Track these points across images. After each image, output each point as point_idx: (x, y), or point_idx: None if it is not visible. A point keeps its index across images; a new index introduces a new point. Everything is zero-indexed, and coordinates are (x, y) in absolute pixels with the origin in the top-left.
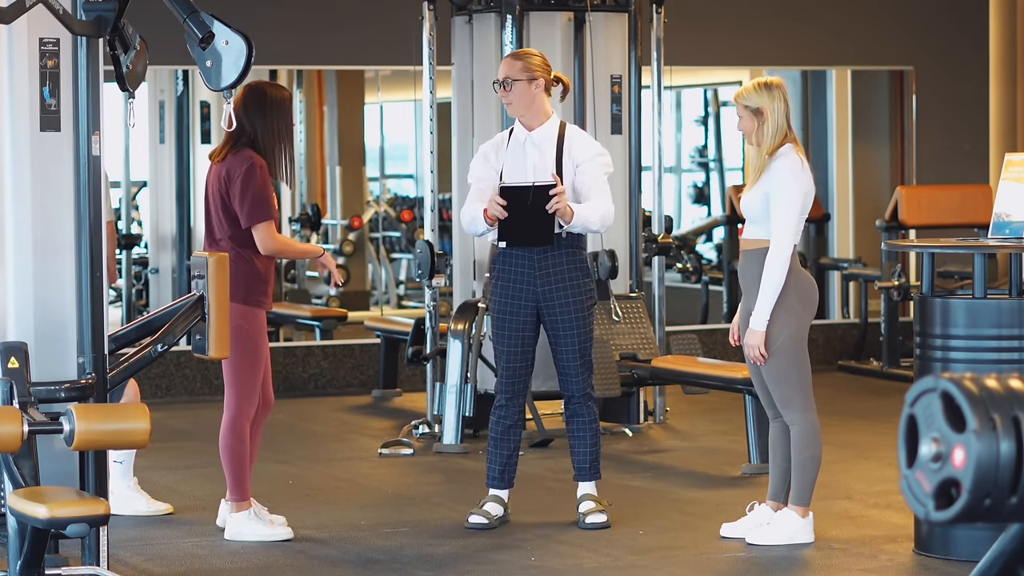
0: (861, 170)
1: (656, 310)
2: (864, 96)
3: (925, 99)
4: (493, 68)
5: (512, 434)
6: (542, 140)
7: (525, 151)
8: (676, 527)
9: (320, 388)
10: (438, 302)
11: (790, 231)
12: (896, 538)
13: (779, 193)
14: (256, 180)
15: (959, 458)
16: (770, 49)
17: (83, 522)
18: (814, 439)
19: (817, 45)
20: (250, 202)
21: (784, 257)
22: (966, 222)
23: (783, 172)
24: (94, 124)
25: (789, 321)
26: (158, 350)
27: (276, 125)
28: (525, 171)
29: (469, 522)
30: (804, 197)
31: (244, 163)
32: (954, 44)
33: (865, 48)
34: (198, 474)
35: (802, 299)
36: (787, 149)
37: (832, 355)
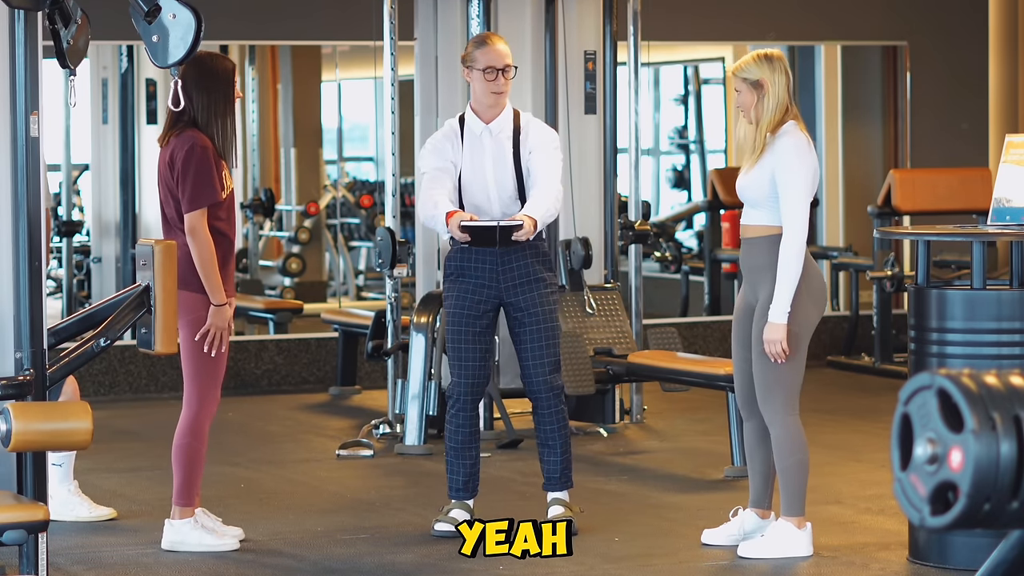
0: (852, 152)
1: (633, 302)
2: (855, 73)
3: (920, 76)
4: (459, 43)
5: (474, 441)
6: (499, 131)
7: (483, 145)
8: (654, 533)
9: (274, 385)
10: (400, 293)
11: (803, 214)
12: (889, 545)
13: (787, 175)
14: (196, 162)
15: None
16: (755, 23)
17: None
18: (797, 443)
19: (805, 19)
20: (191, 186)
21: (800, 244)
22: (964, 208)
23: (789, 153)
24: (32, 103)
25: (795, 316)
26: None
27: (215, 99)
28: (484, 168)
29: (435, 529)
30: (812, 179)
31: (186, 144)
32: (951, 17)
33: (856, 22)
34: (144, 477)
35: (811, 292)
36: (791, 127)
37: (821, 350)
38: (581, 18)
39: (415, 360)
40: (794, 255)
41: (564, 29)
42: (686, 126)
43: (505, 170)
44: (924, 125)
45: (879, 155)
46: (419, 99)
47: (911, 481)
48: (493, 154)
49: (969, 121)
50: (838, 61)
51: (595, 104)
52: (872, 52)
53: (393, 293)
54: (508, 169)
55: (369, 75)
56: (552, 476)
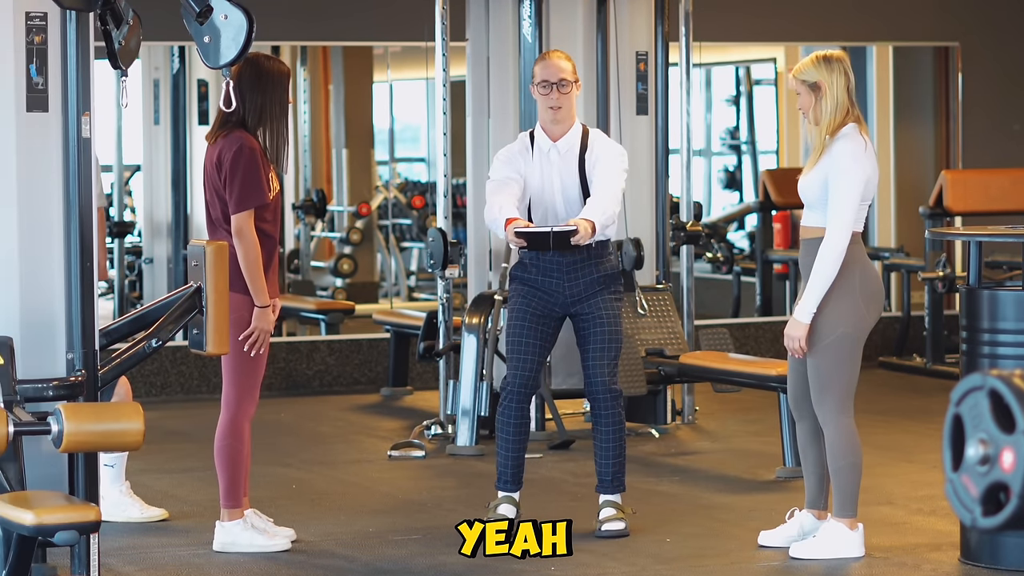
0: (903, 153)
1: (684, 303)
2: (907, 74)
3: (971, 77)
4: (510, 44)
5: (522, 434)
6: (567, 150)
7: (551, 161)
8: (706, 534)
9: (325, 386)
10: (451, 294)
11: (847, 219)
12: (941, 546)
13: (838, 178)
14: (244, 164)
15: (1008, 461)
16: (806, 24)
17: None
18: (851, 445)
19: (856, 20)
20: (239, 187)
21: (839, 247)
22: (1016, 208)
23: (844, 156)
24: (84, 104)
25: (849, 318)
26: (152, 345)
27: (267, 102)
28: (552, 184)
29: None
30: (866, 183)
31: (233, 146)
32: (1002, 18)
33: (908, 23)
34: (195, 478)
35: (867, 295)
36: (850, 130)
37: (873, 351)
38: (633, 19)
39: (467, 361)
40: (832, 257)
41: (616, 30)
42: (738, 127)
43: (572, 186)
44: (976, 126)
45: (931, 156)
46: (471, 100)
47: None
48: (560, 171)
49: (1021, 122)
50: (890, 62)
51: (647, 105)
52: (924, 53)
53: (445, 294)
54: (575, 185)
55: (421, 76)
56: (604, 479)
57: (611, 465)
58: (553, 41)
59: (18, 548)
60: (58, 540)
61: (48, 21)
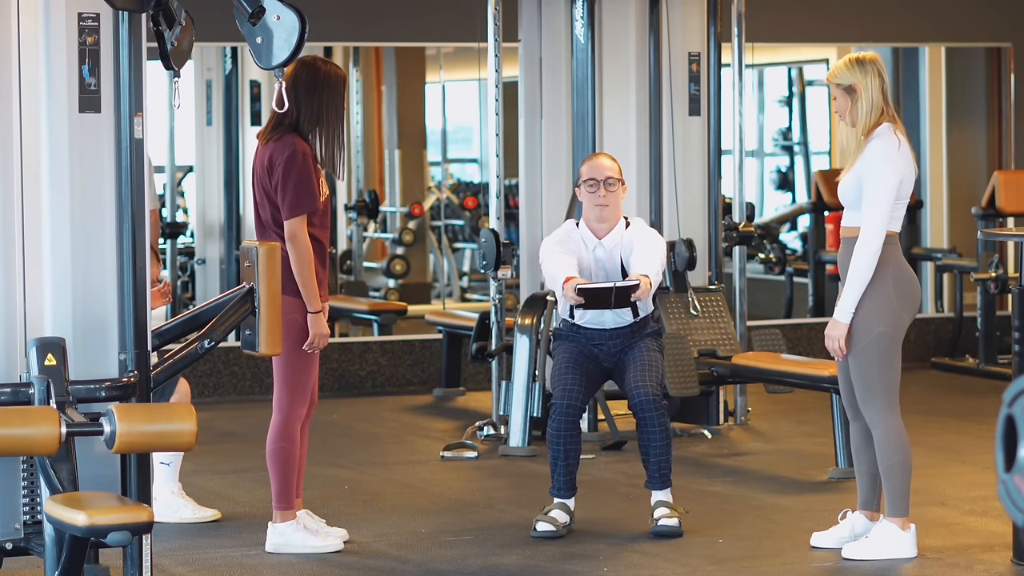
0: (956, 154)
1: (737, 303)
2: (959, 75)
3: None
4: (563, 45)
5: (574, 442)
6: (612, 247)
7: (596, 257)
8: (758, 535)
9: (378, 387)
10: (504, 295)
11: (880, 218)
12: (993, 547)
13: (870, 176)
14: (297, 169)
15: None
16: (858, 25)
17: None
18: (899, 444)
19: (909, 20)
20: (292, 192)
21: (873, 246)
22: None
23: (876, 155)
24: (137, 105)
25: (884, 316)
26: (205, 346)
27: (323, 107)
28: (596, 277)
29: (536, 530)
30: (899, 182)
31: (286, 150)
32: None
33: (960, 24)
34: (247, 479)
35: (901, 294)
36: (884, 129)
37: (925, 352)
38: (685, 20)
39: (519, 362)
40: (866, 257)
41: (668, 31)
42: (790, 127)
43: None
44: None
45: (983, 157)
46: (523, 101)
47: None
48: (606, 266)
49: None
50: (942, 63)
51: (699, 106)
52: (976, 54)
53: (497, 295)
54: (619, 278)
55: (473, 77)
56: (652, 475)
57: (657, 462)
58: (606, 42)
59: (71, 549)
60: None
61: (100, 22)
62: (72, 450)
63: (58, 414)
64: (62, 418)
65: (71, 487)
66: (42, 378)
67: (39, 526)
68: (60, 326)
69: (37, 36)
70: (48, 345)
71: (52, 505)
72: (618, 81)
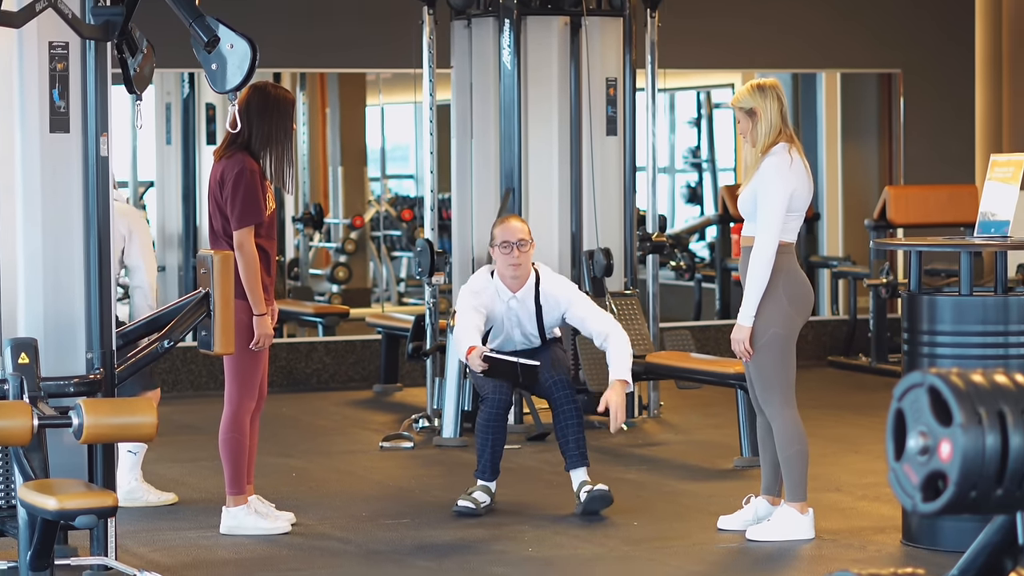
0: (850, 170)
1: (650, 307)
2: (853, 98)
3: (912, 101)
4: (491, 72)
5: (501, 430)
6: (524, 298)
7: (510, 308)
8: (670, 518)
9: (323, 383)
10: (438, 299)
11: (773, 229)
12: (884, 529)
13: (763, 191)
14: (245, 184)
15: (946, 451)
16: (761, 53)
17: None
18: (796, 435)
19: (807, 49)
20: (240, 206)
21: (767, 254)
22: (952, 221)
23: (769, 170)
24: (102, 126)
25: (776, 319)
26: (165, 346)
27: (273, 127)
28: (511, 322)
29: (457, 505)
30: (790, 196)
31: (236, 167)
32: (941, 47)
33: (854, 52)
34: (204, 467)
35: (792, 298)
36: (779, 148)
37: (822, 351)
38: (603, 48)
39: (451, 360)
40: (760, 265)
41: (588, 58)
42: (699, 146)
43: (529, 323)
44: (916, 145)
45: (875, 173)
46: (455, 122)
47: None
48: (519, 316)
49: (957, 142)
50: (837, 87)
51: (616, 126)
52: (868, 79)
53: (431, 299)
54: (532, 322)
55: (409, 100)
56: (573, 454)
57: (577, 441)
58: (531, 68)
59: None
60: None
61: (69, 50)
62: (44, 441)
63: (31, 408)
64: (34, 411)
65: (43, 474)
66: (16, 375)
67: (13, 510)
68: (32, 328)
69: (11, 63)
70: (21, 345)
71: (25, 491)
72: (542, 104)
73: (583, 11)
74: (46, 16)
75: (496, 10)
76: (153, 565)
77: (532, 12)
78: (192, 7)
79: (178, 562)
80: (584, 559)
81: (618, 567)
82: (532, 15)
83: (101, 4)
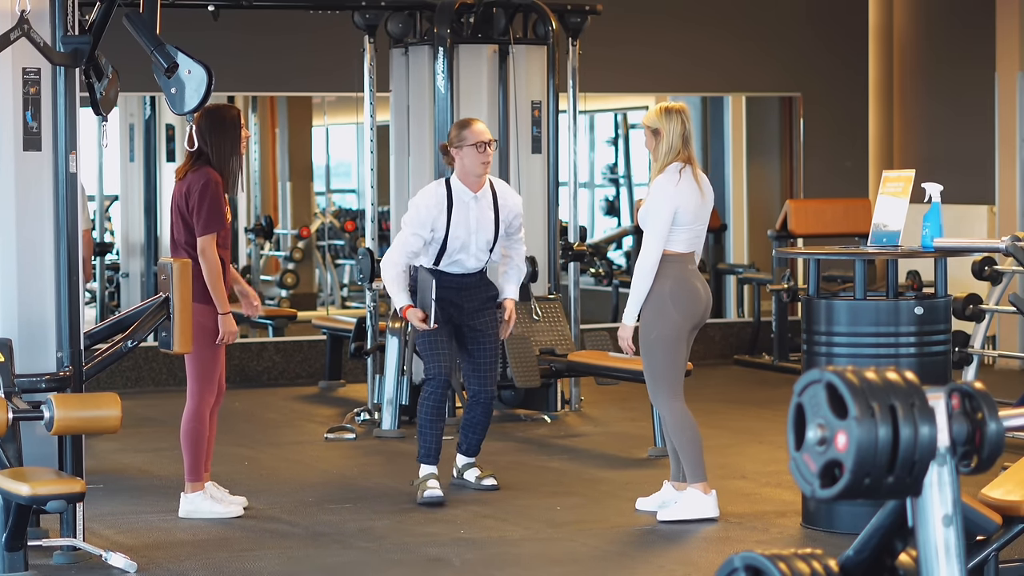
0: (755, 185)
1: (572, 310)
2: (757, 119)
3: (811, 122)
4: (427, 95)
5: (443, 416)
6: (482, 198)
7: (470, 209)
8: (589, 503)
9: (273, 380)
10: (377, 303)
11: (654, 241)
12: (786, 513)
13: (649, 206)
14: (211, 195)
15: (842, 442)
16: (673, 78)
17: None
18: (684, 423)
19: (715, 74)
20: (205, 214)
21: (648, 263)
22: (848, 232)
23: (655, 188)
24: (71, 144)
25: (659, 322)
26: (128, 346)
27: (224, 141)
28: (469, 230)
29: (424, 496)
30: (674, 210)
31: (202, 179)
32: (837, 73)
33: (757, 77)
34: (164, 456)
35: (677, 303)
36: (671, 168)
37: (728, 350)
38: (528, 74)
39: (390, 358)
40: (640, 272)
41: (515, 83)
42: (616, 163)
43: (487, 230)
44: (815, 163)
45: (777, 187)
46: (394, 141)
47: (804, 459)
48: (478, 218)
49: (852, 159)
50: (743, 109)
51: (540, 145)
52: (771, 102)
53: (372, 303)
54: (490, 229)
55: (352, 121)
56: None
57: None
58: (462, 92)
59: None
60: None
61: (41, 75)
62: (18, 432)
63: (6, 402)
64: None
65: (17, 463)
66: None
67: None
68: (7, 329)
69: None
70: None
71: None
72: None
73: (511, 40)
74: (20, 44)
75: (431, 39)
76: (118, 546)
77: (464, 41)
78: (153, 36)
79: (141, 543)
80: (511, 540)
81: (541, 547)
82: (464, 43)
83: (70, 34)
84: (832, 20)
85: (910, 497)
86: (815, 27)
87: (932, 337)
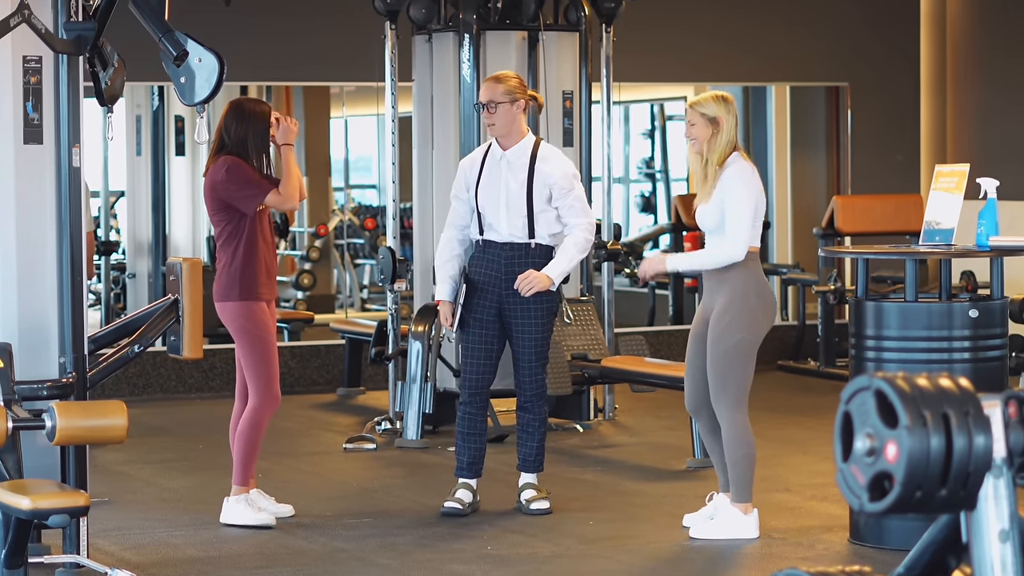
0: (799, 181)
1: (605, 313)
2: (802, 111)
3: (859, 113)
4: (452, 84)
5: (480, 428)
6: (515, 159)
7: (500, 169)
8: (624, 518)
9: (288, 386)
10: (399, 305)
11: (743, 236)
12: (832, 528)
13: (732, 197)
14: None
15: (892, 452)
16: (713, 66)
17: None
18: (744, 438)
19: (757, 62)
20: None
21: (732, 255)
22: (898, 230)
23: (735, 179)
24: (74, 137)
25: (746, 323)
26: (135, 351)
27: (250, 135)
28: (497, 189)
29: (444, 507)
30: (757, 202)
31: (222, 166)
32: (887, 61)
33: (803, 65)
34: (173, 468)
35: (764, 307)
36: (735, 157)
37: (772, 355)
38: (560, 62)
39: (413, 364)
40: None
41: (545, 71)
42: (653, 157)
43: (518, 196)
44: (863, 156)
45: (823, 183)
46: (416, 133)
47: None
48: (507, 180)
49: (903, 153)
50: (787, 100)
51: (572, 138)
52: (817, 92)
53: (393, 305)
54: (520, 196)
55: (372, 112)
56: (527, 459)
57: (534, 448)
58: None
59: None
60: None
61: (43, 64)
62: (18, 442)
63: (5, 411)
64: (8, 414)
65: (17, 475)
66: None
67: None
68: (7, 333)
69: None
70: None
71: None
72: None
73: (540, 26)
74: (20, 31)
75: (456, 25)
76: (124, 563)
77: (491, 27)
78: (162, 22)
79: (148, 560)
80: (541, 558)
81: (573, 565)
82: (491, 30)
83: (73, 19)
84: (882, 4)
85: (964, 511)
86: (864, 12)
87: (987, 341)
